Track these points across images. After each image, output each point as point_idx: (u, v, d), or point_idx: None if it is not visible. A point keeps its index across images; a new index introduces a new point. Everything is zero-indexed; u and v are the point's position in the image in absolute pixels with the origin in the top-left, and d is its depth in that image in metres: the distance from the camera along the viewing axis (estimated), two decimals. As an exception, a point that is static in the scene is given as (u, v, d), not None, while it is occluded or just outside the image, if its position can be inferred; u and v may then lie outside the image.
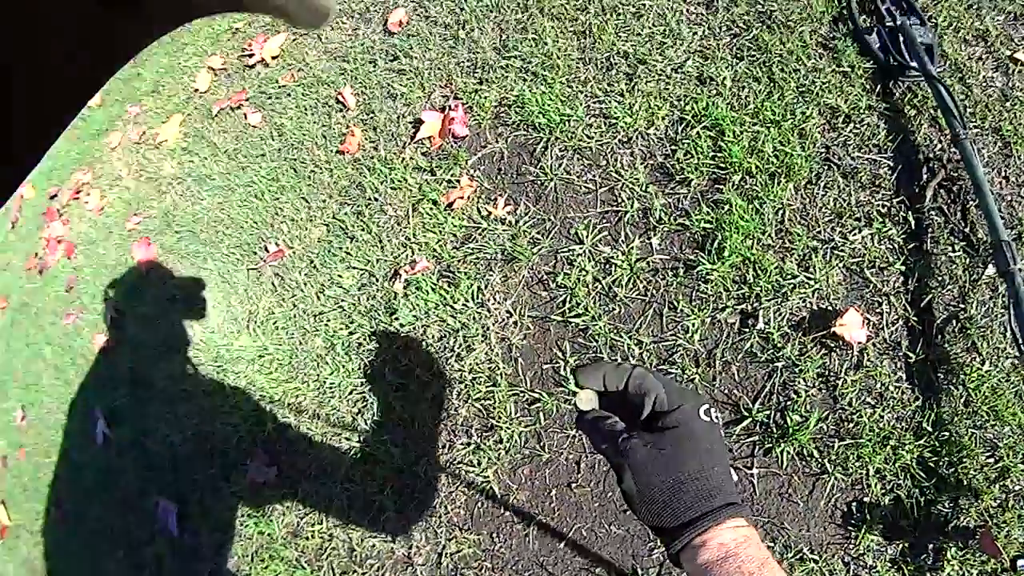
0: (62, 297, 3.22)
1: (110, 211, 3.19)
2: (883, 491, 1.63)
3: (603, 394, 0.76)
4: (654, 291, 1.93)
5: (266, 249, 2.58)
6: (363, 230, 2.38)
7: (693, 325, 1.86)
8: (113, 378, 2.82)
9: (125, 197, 3.16)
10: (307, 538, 2.16)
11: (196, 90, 3.13)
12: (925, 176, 1.84)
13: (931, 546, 1.57)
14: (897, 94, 1.93)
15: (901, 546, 1.59)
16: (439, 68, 2.48)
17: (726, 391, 1.81)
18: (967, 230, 1.76)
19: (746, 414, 1.76)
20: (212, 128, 2.98)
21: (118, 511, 2.65)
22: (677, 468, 0.67)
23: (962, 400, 1.63)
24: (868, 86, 1.96)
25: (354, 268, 2.36)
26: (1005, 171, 1.80)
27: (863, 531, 1.61)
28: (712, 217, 1.91)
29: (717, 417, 0.72)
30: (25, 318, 3.38)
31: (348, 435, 2.18)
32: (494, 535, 1.93)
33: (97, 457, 2.77)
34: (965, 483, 1.58)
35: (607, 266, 1.99)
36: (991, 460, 1.58)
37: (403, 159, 2.40)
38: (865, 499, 1.64)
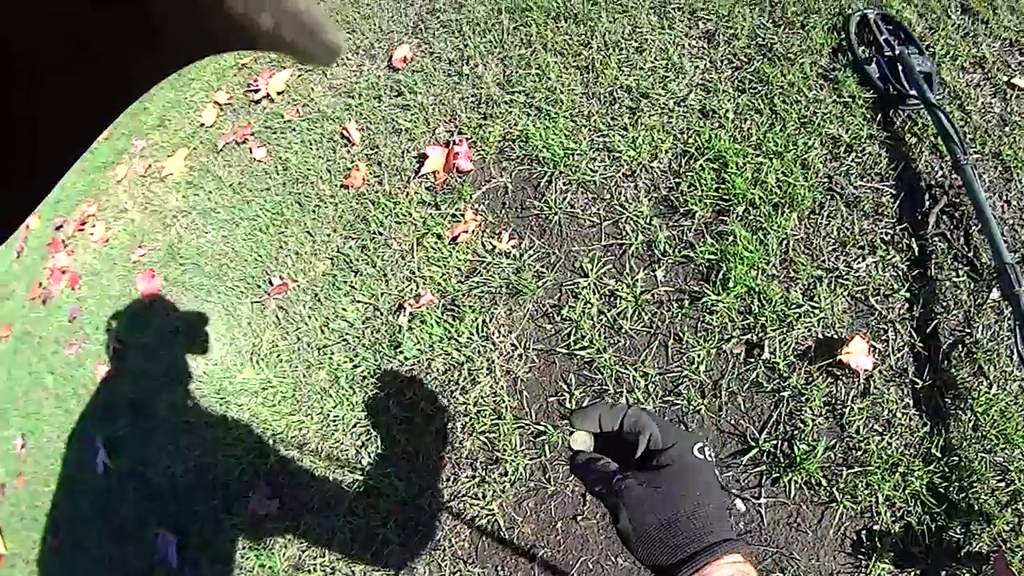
0: (65, 327, 3.22)
1: (115, 243, 3.21)
2: (893, 519, 1.62)
3: (598, 435, 0.76)
4: (659, 323, 1.94)
5: (270, 282, 2.59)
6: (368, 264, 2.39)
7: (699, 356, 1.86)
8: (114, 408, 2.81)
9: (130, 229, 3.18)
10: (309, 571, 2.13)
11: (202, 124, 3.16)
12: (927, 203, 1.85)
13: (944, 573, 1.55)
14: (898, 123, 1.96)
15: (913, 574, 1.57)
16: (443, 104, 2.50)
17: (732, 421, 1.81)
18: (970, 255, 1.78)
19: (753, 444, 1.76)
20: (217, 162, 3.01)
21: (116, 541, 2.62)
22: (672, 505, 0.66)
23: (971, 424, 1.63)
24: (869, 115, 1.99)
25: (359, 302, 2.36)
26: (1007, 195, 1.82)
27: (874, 559, 1.60)
28: (716, 248, 1.93)
29: (711, 455, 0.73)
30: (28, 347, 3.38)
31: (351, 468, 2.17)
32: (499, 568, 1.91)
33: (96, 486, 2.75)
34: (976, 508, 1.57)
35: (612, 299, 2.00)
36: (1002, 484, 1.58)
37: (407, 193, 2.42)
38: (875, 527, 1.63)
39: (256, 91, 3.03)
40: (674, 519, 0.66)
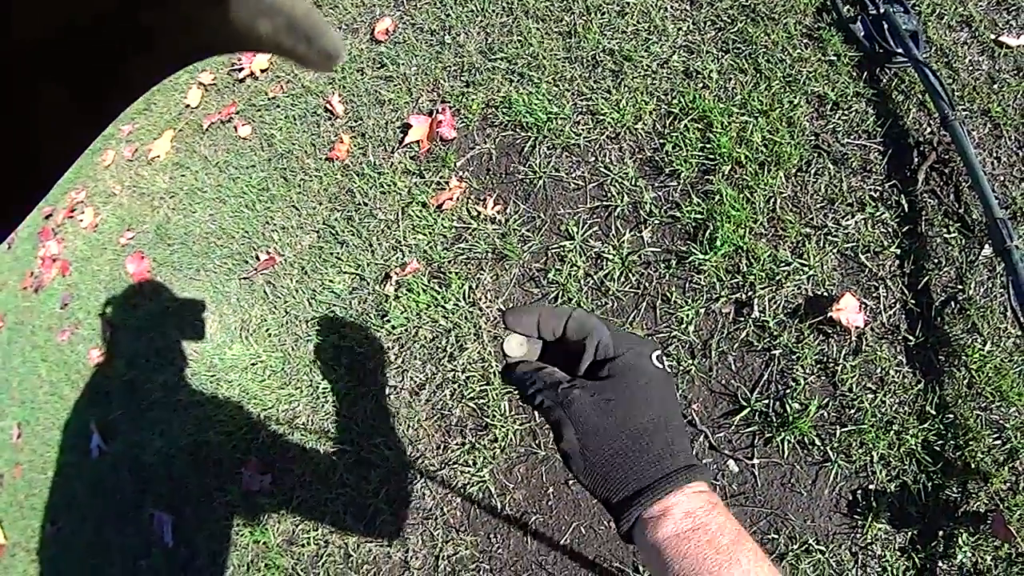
0: (57, 314, 3.21)
1: (104, 228, 3.20)
2: (889, 478, 1.60)
3: (543, 345, 0.66)
4: (647, 284, 1.92)
5: (257, 258, 2.58)
6: (353, 235, 2.38)
7: (687, 316, 1.84)
8: (108, 392, 2.81)
9: (119, 213, 3.17)
10: (303, 545, 2.13)
11: (187, 106, 3.15)
12: (916, 160, 1.83)
13: (941, 533, 1.53)
14: (884, 80, 1.93)
15: (910, 534, 1.55)
16: (426, 73, 2.48)
17: (723, 381, 1.79)
18: (961, 211, 1.75)
19: (744, 404, 1.74)
20: (203, 142, 2.99)
21: (113, 525, 2.63)
22: (628, 421, 0.57)
23: (965, 382, 1.60)
24: (855, 74, 1.96)
25: (345, 273, 2.35)
26: (996, 152, 1.79)
27: (870, 520, 1.57)
28: (703, 208, 1.91)
29: (669, 366, 0.65)
30: (21, 336, 3.38)
31: (342, 440, 2.16)
32: (491, 536, 1.91)
33: (92, 471, 2.75)
34: (973, 466, 1.54)
35: (598, 261, 1.99)
36: (998, 442, 1.55)
37: (392, 164, 2.41)
38: (871, 487, 1.61)
39: (240, 70, 3.01)
40: (631, 437, 0.58)
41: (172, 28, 0.29)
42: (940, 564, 1.51)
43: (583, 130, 2.14)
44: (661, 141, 2.03)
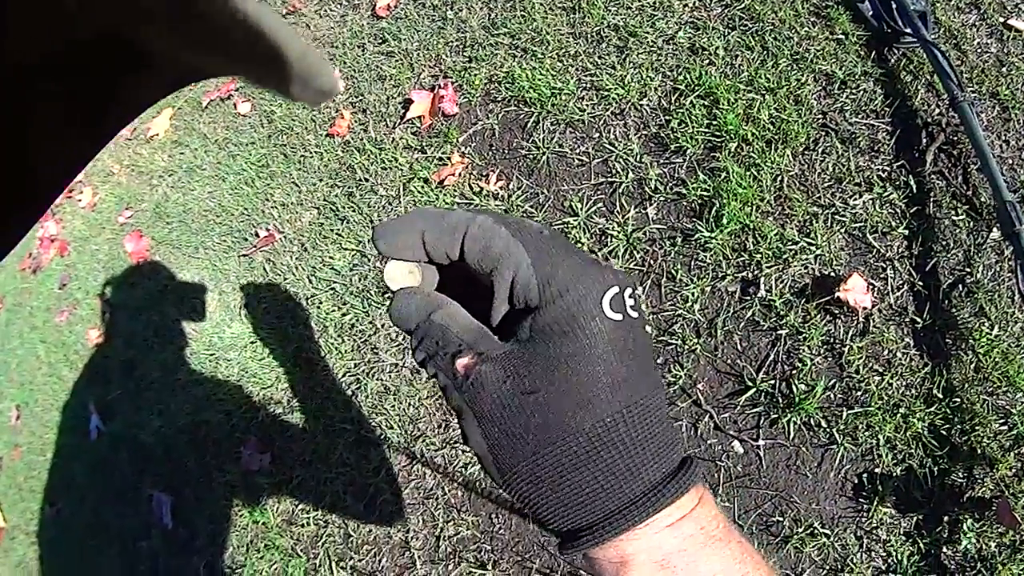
0: (55, 295, 3.19)
1: (102, 207, 3.17)
2: (895, 461, 1.58)
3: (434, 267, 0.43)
4: (651, 261, 1.89)
5: (257, 235, 2.56)
6: (354, 211, 2.35)
7: (693, 295, 1.82)
8: (106, 372, 2.79)
9: (117, 192, 3.14)
10: (302, 525, 2.11)
11: (186, 83, 3.11)
12: (924, 140, 1.80)
13: (946, 518, 1.51)
14: (892, 60, 1.90)
15: (915, 519, 1.54)
16: (428, 49, 2.45)
17: (729, 361, 1.76)
18: (969, 193, 1.72)
19: (750, 384, 1.72)
20: (202, 119, 2.96)
21: (112, 506, 2.61)
22: (560, 423, 0.37)
23: (972, 366, 1.58)
24: (863, 53, 1.93)
25: (346, 249, 2.33)
26: (1005, 135, 1.77)
27: (875, 504, 1.56)
28: (709, 185, 1.88)
29: (634, 303, 0.39)
30: (19, 318, 3.35)
31: (342, 418, 2.14)
32: (493, 516, 1.89)
33: (91, 452, 2.73)
34: (979, 452, 1.52)
35: (603, 237, 1.96)
36: (1004, 428, 1.53)
37: (393, 139, 2.38)
38: (876, 470, 1.59)
39: (240, 47, 2.98)
40: (563, 449, 0.37)
41: (170, 50, 0.29)
42: (944, 550, 1.50)
43: (587, 106, 2.11)
44: (667, 117, 2.00)
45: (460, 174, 2.20)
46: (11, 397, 3.22)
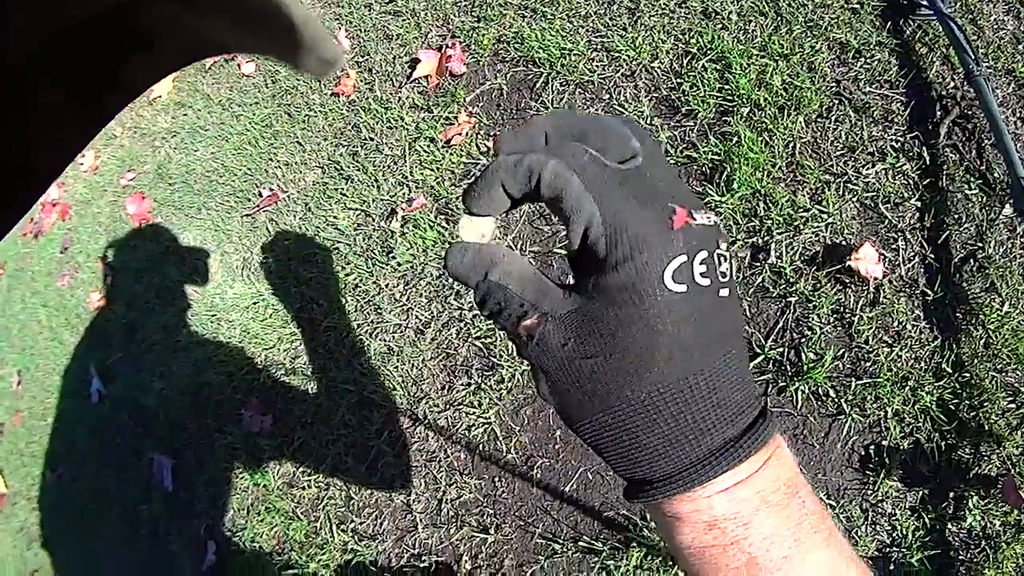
0: (57, 259, 3.17)
1: (104, 170, 3.14)
2: (902, 434, 1.55)
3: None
4: (660, 223, 1.85)
5: (260, 195, 2.53)
6: (359, 170, 2.32)
7: (702, 259, 1.78)
8: (108, 335, 2.78)
9: (119, 155, 3.12)
10: (303, 488, 2.10)
11: (190, 44, 3.07)
12: (939, 113, 1.76)
13: (952, 494, 1.49)
14: (908, 32, 1.85)
15: (921, 493, 1.51)
16: (435, 8, 2.41)
17: (738, 327, 1.73)
18: (983, 168, 1.69)
19: (759, 351, 1.69)
20: (206, 80, 2.92)
21: (113, 469, 2.61)
22: (618, 392, 0.37)
23: (982, 342, 1.55)
24: (878, 23, 1.88)
25: (350, 209, 2.29)
26: (1020, 112, 1.72)
27: (881, 476, 1.54)
28: (720, 149, 1.84)
29: (706, 269, 0.37)
30: (21, 283, 3.34)
31: (344, 380, 2.12)
32: (496, 480, 1.87)
33: (92, 416, 2.72)
34: (987, 428, 1.50)
35: (611, 199, 1.92)
36: (1012, 406, 1.50)
37: (399, 99, 2.34)
38: (883, 442, 1.56)
39: (244, 8, 2.93)
40: (626, 409, 0.38)
41: (169, 30, 0.29)
42: (949, 526, 1.48)
43: (597, 67, 2.07)
44: (678, 81, 1.96)
45: (467, 134, 2.16)
46: (12, 362, 3.22)
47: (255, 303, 2.37)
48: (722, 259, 0.38)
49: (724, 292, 0.38)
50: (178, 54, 0.31)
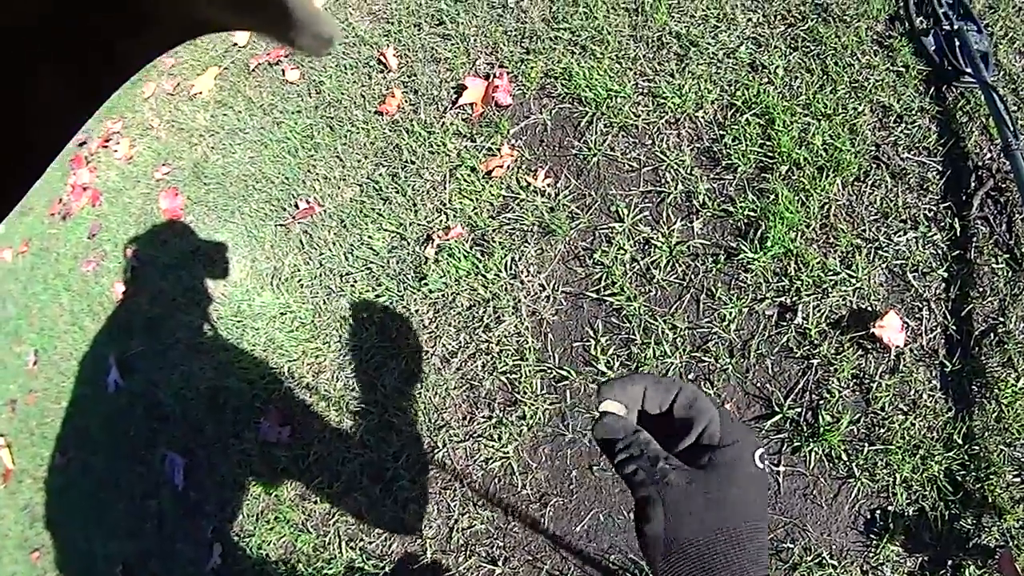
0: (84, 243, 3.19)
1: (139, 160, 3.16)
2: (908, 501, 1.58)
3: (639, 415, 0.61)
4: (692, 276, 1.87)
5: (296, 206, 2.54)
6: (398, 192, 2.33)
7: (730, 314, 1.80)
8: (129, 327, 2.79)
9: (155, 147, 3.13)
10: (315, 502, 2.12)
11: (234, 44, 3.09)
12: (973, 184, 1.79)
13: (950, 562, 1.52)
14: (950, 99, 1.87)
15: (921, 559, 1.54)
16: (485, 35, 2.42)
17: (759, 384, 1.75)
18: (1011, 243, 1.71)
19: (777, 409, 1.71)
20: (248, 83, 2.94)
21: (124, 461, 2.62)
22: (725, 521, 0.53)
23: (994, 416, 1.58)
24: (921, 88, 1.90)
25: (385, 230, 2.31)
26: None
27: (885, 540, 1.56)
28: (757, 205, 1.86)
29: (769, 466, 0.60)
30: (45, 263, 3.36)
31: (366, 399, 2.13)
32: (509, 513, 1.88)
33: (107, 406, 2.74)
34: (990, 501, 1.53)
35: (646, 247, 1.94)
36: (1018, 479, 1.54)
37: (443, 124, 2.36)
38: (890, 508, 1.59)
39: (292, 13, 2.95)
40: (725, 540, 0.53)
41: (166, 7, 0.30)
42: None
43: (642, 111, 2.08)
44: (721, 132, 1.98)
45: (508, 166, 2.18)
46: (30, 342, 3.24)
47: (282, 313, 2.39)
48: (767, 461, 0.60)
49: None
50: (175, 32, 0.32)
